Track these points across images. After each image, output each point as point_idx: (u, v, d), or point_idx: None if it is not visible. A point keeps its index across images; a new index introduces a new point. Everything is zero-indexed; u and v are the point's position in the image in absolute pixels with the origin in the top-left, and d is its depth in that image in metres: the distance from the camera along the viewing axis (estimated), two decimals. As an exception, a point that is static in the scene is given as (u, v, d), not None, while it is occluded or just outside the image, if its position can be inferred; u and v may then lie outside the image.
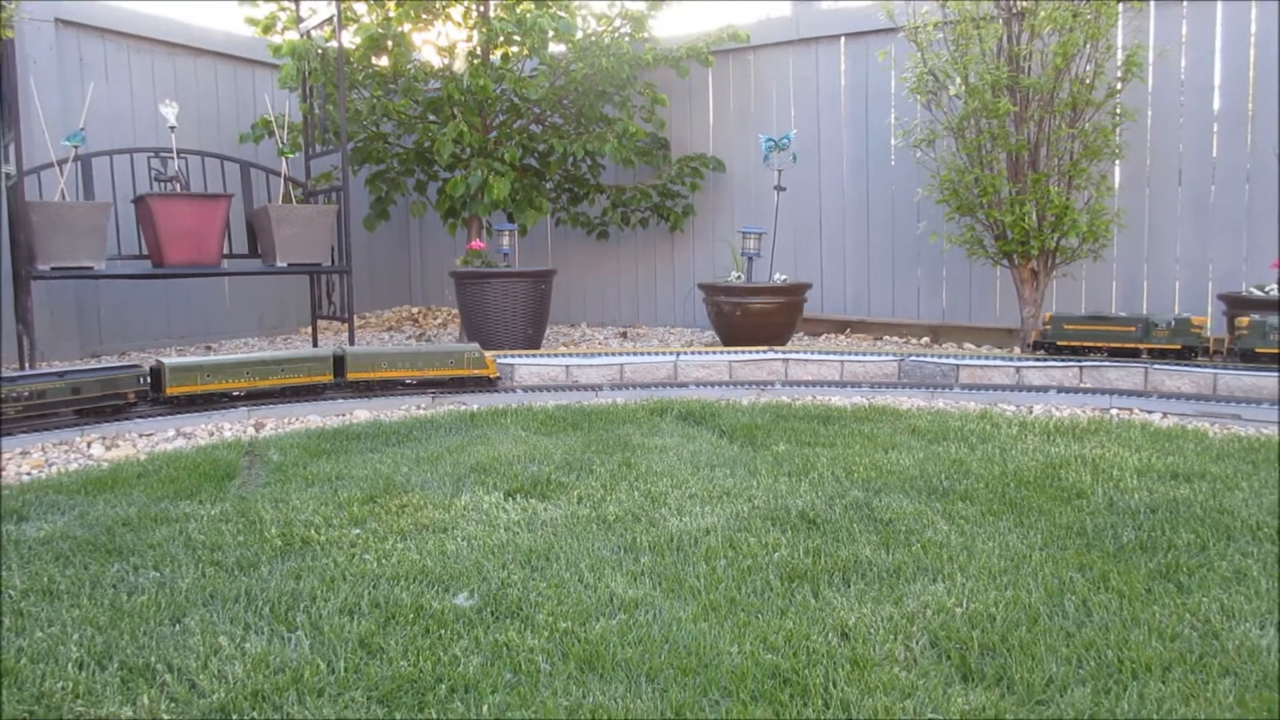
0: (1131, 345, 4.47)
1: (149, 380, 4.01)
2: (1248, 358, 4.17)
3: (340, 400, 4.24)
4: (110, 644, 1.75)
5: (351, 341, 5.64)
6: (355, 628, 1.81)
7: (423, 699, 1.57)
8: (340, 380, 4.34)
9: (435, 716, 1.51)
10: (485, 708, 1.53)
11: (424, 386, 4.43)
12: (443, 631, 1.81)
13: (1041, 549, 2.24)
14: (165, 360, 4.04)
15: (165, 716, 1.50)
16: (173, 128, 5.14)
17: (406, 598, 1.96)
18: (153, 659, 1.69)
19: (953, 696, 1.56)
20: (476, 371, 4.47)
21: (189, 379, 4.02)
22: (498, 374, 4.57)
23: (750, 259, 5.81)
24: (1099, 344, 4.55)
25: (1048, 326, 4.72)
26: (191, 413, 3.98)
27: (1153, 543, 2.26)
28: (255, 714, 1.51)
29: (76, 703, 1.54)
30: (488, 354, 4.55)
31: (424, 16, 6.20)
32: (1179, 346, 4.39)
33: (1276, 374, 3.97)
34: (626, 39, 6.35)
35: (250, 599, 1.96)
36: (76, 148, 4.86)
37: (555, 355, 4.98)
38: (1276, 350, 4.10)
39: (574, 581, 2.06)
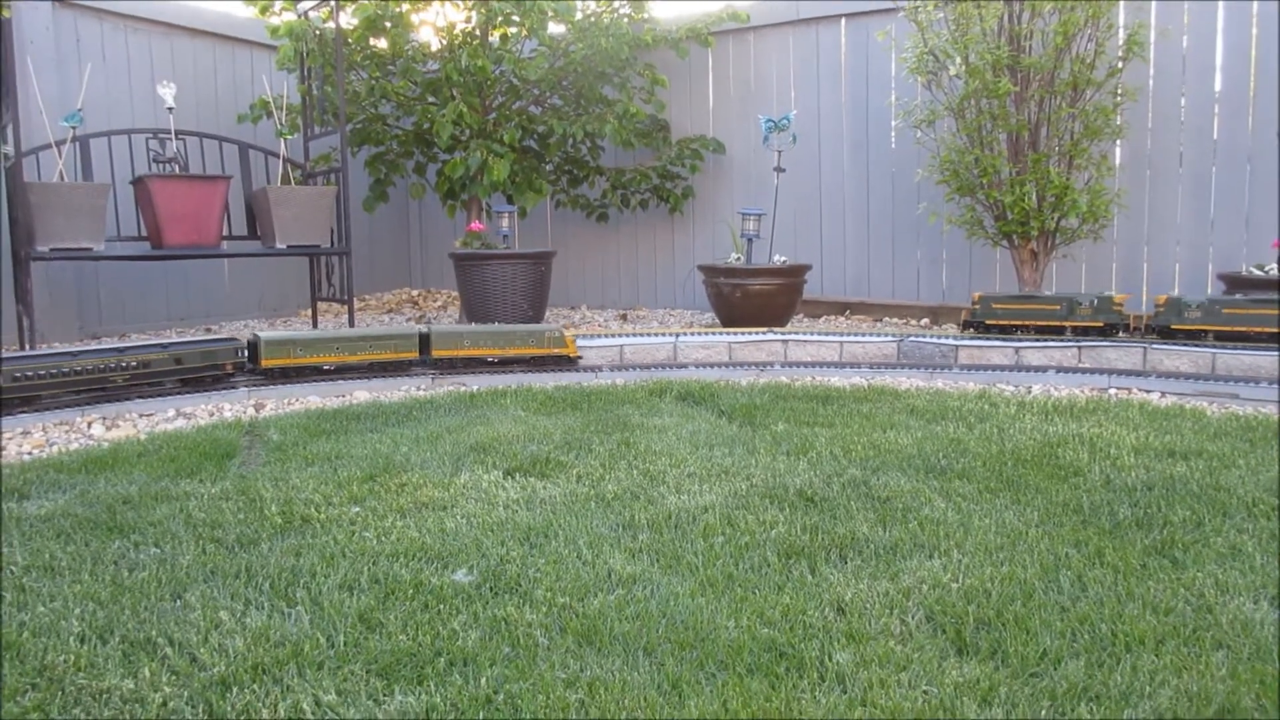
0: (1057, 323, 4.61)
1: (246, 353, 4.19)
2: (1164, 334, 4.39)
3: (425, 376, 4.36)
4: (111, 619, 1.76)
5: (351, 323, 5.65)
6: (355, 603, 1.83)
7: (421, 672, 1.58)
8: (425, 357, 4.44)
9: (434, 689, 1.52)
10: (483, 680, 1.54)
11: (505, 365, 4.50)
12: (441, 607, 1.82)
13: (1038, 526, 2.25)
14: (261, 334, 4.20)
15: (166, 688, 1.52)
16: (170, 109, 5.13)
17: (406, 574, 1.97)
18: (154, 633, 1.70)
19: (947, 669, 1.58)
20: (556, 350, 4.52)
21: (283, 352, 4.17)
22: (578, 353, 4.61)
23: (750, 240, 5.80)
24: (1026, 322, 4.68)
25: (977, 306, 4.82)
26: (285, 384, 4.13)
27: (1149, 519, 2.27)
28: (255, 686, 1.53)
29: (78, 675, 1.56)
30: (568, 334, 4.60)
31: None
32: (1102, 324, 4.54)
33: (1274, 353, 3.97)
34: (626, 20, 6.32)
35: (250, 575, 1.97)
36: (74, 128, 4.85)
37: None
38: (1190, 327, 4.31)
39: (572, 558, 2.07)
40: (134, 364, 3.86)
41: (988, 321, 4.78)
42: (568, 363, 4.57)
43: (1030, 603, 1.82)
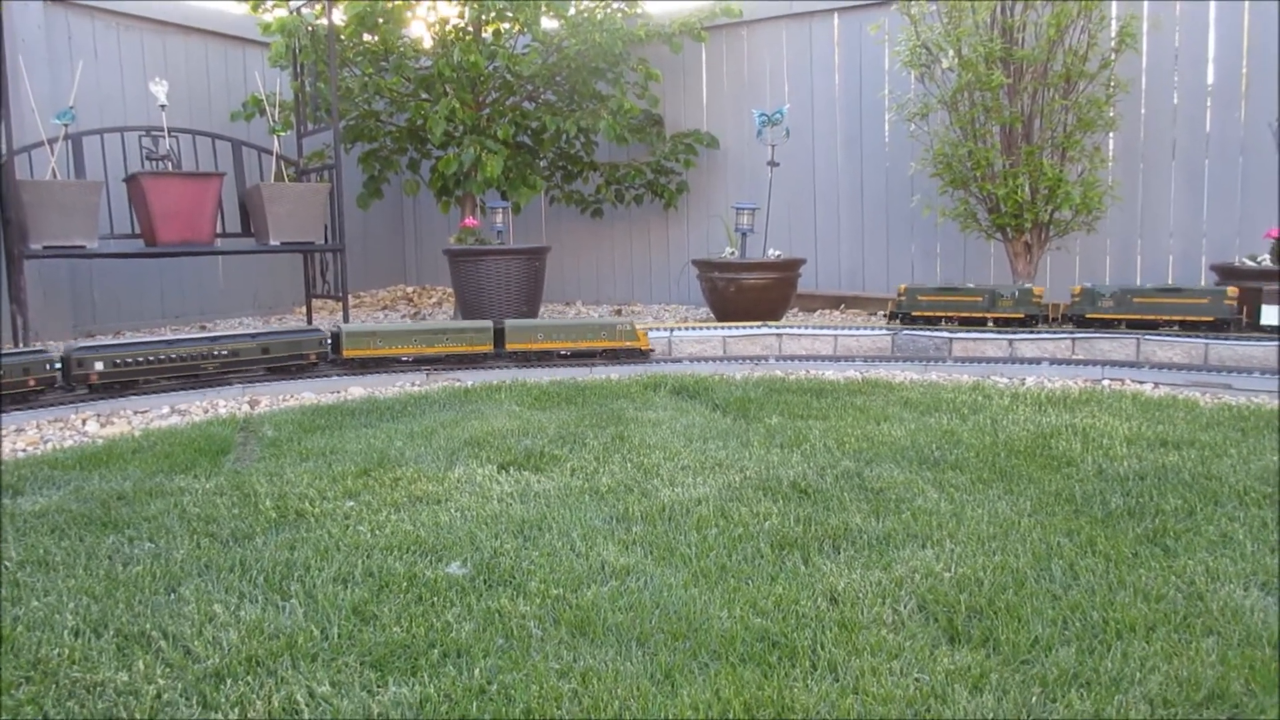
0: (979, 314, 4.74)
1: (330, 343, 4.35)
2: (1080, 323, 4.55)
3: (499, 369, 4.45)
4: (106, 612, 1.77)
5: (346, 320, 5.65)
6: (349, 596, 1.83)
7: (415, 663, 1.58)
8: (500, 350, 4.54)
9: (427, 680, 1.52)
10: (477, 671, 1.55)
11: (577, 358, 4.55)
12: (435, 599, 1.82)
13: (1030, 515, 2.26)
14: (343, 326, 4.37)
15: (160, 681, 1.52)
16: (163, 106, 5.12)
17: (400, 567, 1.97)
18: (148, 626, 1.70)
19: (939, 657, 1.59)
20: (628, 344, 4.57)
21: (365, 343, 4.34)
22: (650, 346, 4.66)
23: (744, 235, 5.80)
24: (949, 314, 4.80)
25: (902, 298, 4.93)
26: (365, 374, 4.31)
27: (1140, 508, 2.28)
28: (249, 679, 1.53)
29: (73, 668, 1.56)
30: (639, 327, 4.63)
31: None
32: (1022, 315, 4.69)
33: (1267, 344, 3.99)
34: (619, 15, 6.32)
35: (245, 569, 1.98)
36: (66, 126, 4.84)
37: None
38: (1104, 316, 4.49)
39: (566, 550, 2.08)
40: (225, 352, 4.07)
41: (913, 313, 4.90)
42: (640, 355, 4.61)
43: (1022, 591, 1.83)
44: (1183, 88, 5.47)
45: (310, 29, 5.82)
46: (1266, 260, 4.57)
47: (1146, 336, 4.30)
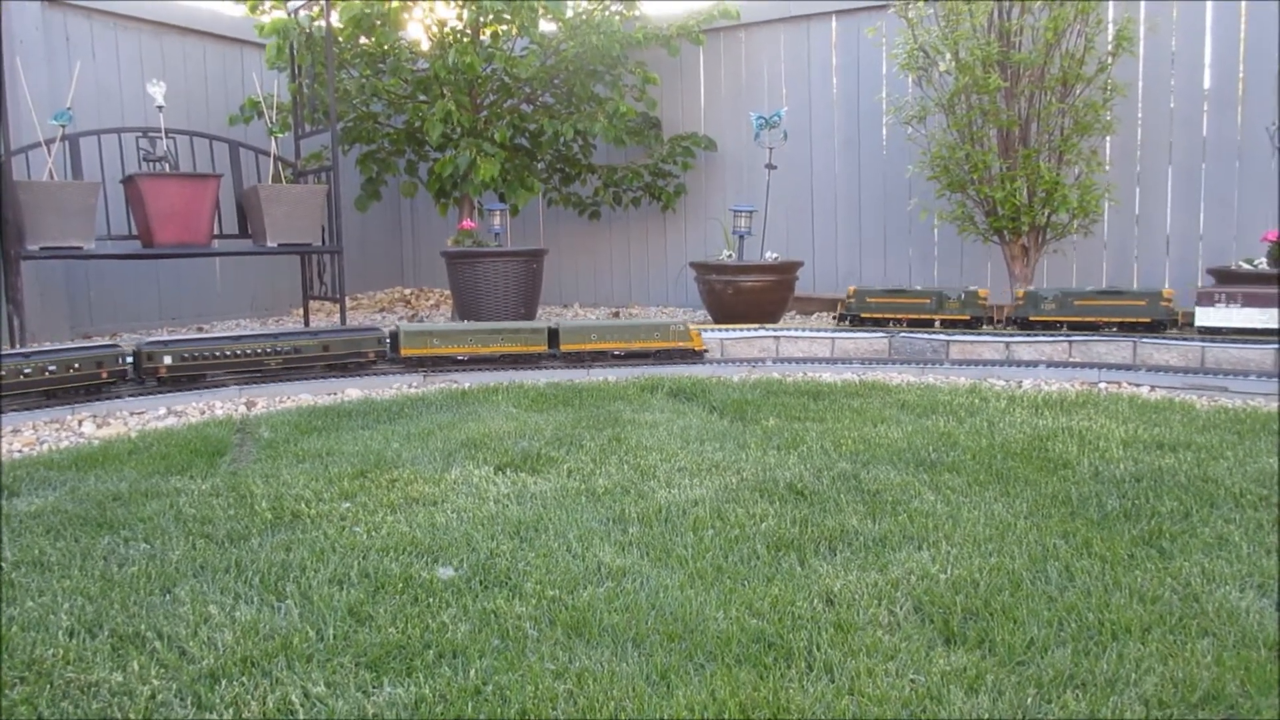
0: (926, 316, 4.83)
1: (389, 342, 4.44)
2: (1023, 325, 4.68)
3: (553, 369, 4.50)
4: (100, 613, 1.76)
5: (343, 322, 5.64)
6: (344, 597, 1.83)
7: (410, 664, 1.58)
8: (554, 351, 4.59)
9: (422, 680, 1.52)
10: (472, 672, 1.54)
11: (631, 358, 4.58)
12: (431, 600, 1.82)
13: (1026, 517, 2.26)
14: (402, 325, 4.47)
15: (155, 681, 1.52)
16: (160, 107, 5.12)
17: (396, 568, 1.97)
18: (143, 627, 1.70)
19: (934, 658, 1.58)
20: (682, 344, 4.59)
21: (421, 343, 4.42)
22: (704, 346, 4.66)
23: (742, 237, 5.81)
24: (897, 315, 4.88)
25: (851, 300, 5.01)
26: (422, 372, 4.38)
27: (1136, 510, 2.28)
28: (244, 679, 1.53)
29: (67, 669, 1.56)
30: (692, 327, 4.63)
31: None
32: (968, 317, 4.80)
33: (1262, 346, 3.99)
34: (617, 17, 6.32)
35: (240, 570, 1.97)
36: (64, 127, 4.84)
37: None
38: (1047, 318, 4.61)
39: (562, 551, 2.07)
40: (288, 349, 4.20)
41: (862, 314, 4.98)
42: (693, 355, 4.63)
43: (1018, 593, 1.83)
44: (1180, 91, 5.48)
45: (307, 32, 5.83)
46: (1263, 264, 4.58)
47: (1075, 338, 4.42)
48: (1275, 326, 4.12)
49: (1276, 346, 3.97)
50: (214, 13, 6.73)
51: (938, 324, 4.81)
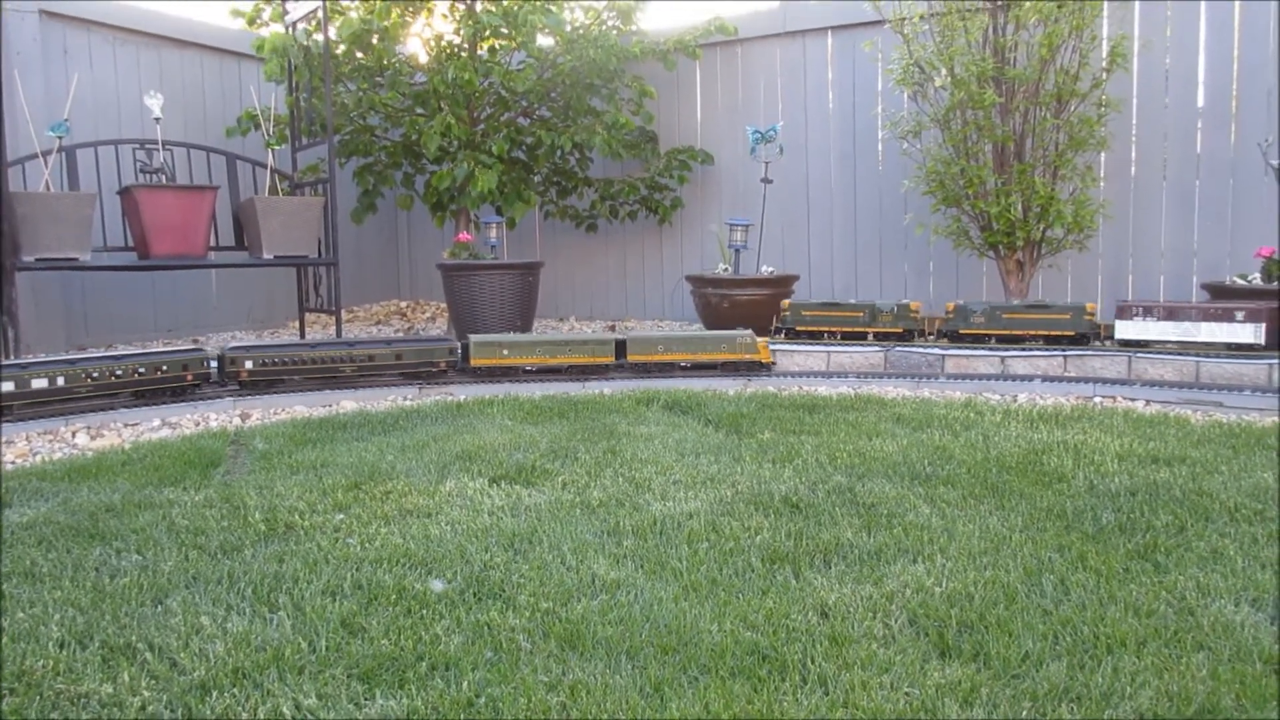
0: (861, 329, 4.91)
1: (459, 352, 4.53)
2: (954, 338, 4.76)
3: (621, 380, 4.53)
4: (91, 624, 1.75)
5: (339, 334, 5.64)
6: (337, 608, 1.82)
7: (403, 676, 1.57)
8: (622, 361, 4.62)
9: (415, 692, 1.51)
10: (465, 684, 1.54)
11: (698, 369, 4.60)
12: (424, 612, 1.81)
13: (1021, 531, 2.26)
14: (472, 337, 4.56)
15: (145, 693, 1.51)
16: (158, 119, 5.13)
17: (389, 580, 1.96)
18: (134, 638, 1.69)
19: (929, 671, 1.58)
20: (749, 356, 4.59)
21: (491, 353, 4.50)
22: (772, 359, 4.66)
23: (737, 251, 5.82)
24: (831, 328, 4.94)
25: (787, 313, 5.06)
26: (491, 382, 4.45)
27: (1131, 524, 2.28)
28: (236, 691, 1.52)
29: (56, 680, 1.55)
30: (760, 340, 4.63)
31: (409, 10, 6.18)
32: (901, 330, 4.87)
33: (1257, 362, 4.00)
34: (615, 32, 6.35)
35: (233, 581, 1.96)
36: (61, 138, 4.84)
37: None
38: (976, 331, 4.70)
39: (556, 564, 2.07)
40: (363, 357, 4.32)
41: (797, 327, 5.03)
42: (761, 368, 4.63)
43: (1013, 606, 1.83)
44: (1174, 108, 5.51)
45: (304, 46, 5.84)
46: (1257, 279, 4.59)
47: (1005, 352, 4.52)
48: (1189, 340, 4.29)
49: (1274, 362, 3.98)
50: (212, 26, 6.75)
51: (870, 336, 4.90)
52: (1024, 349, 4.52)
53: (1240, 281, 4.62)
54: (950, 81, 5.17)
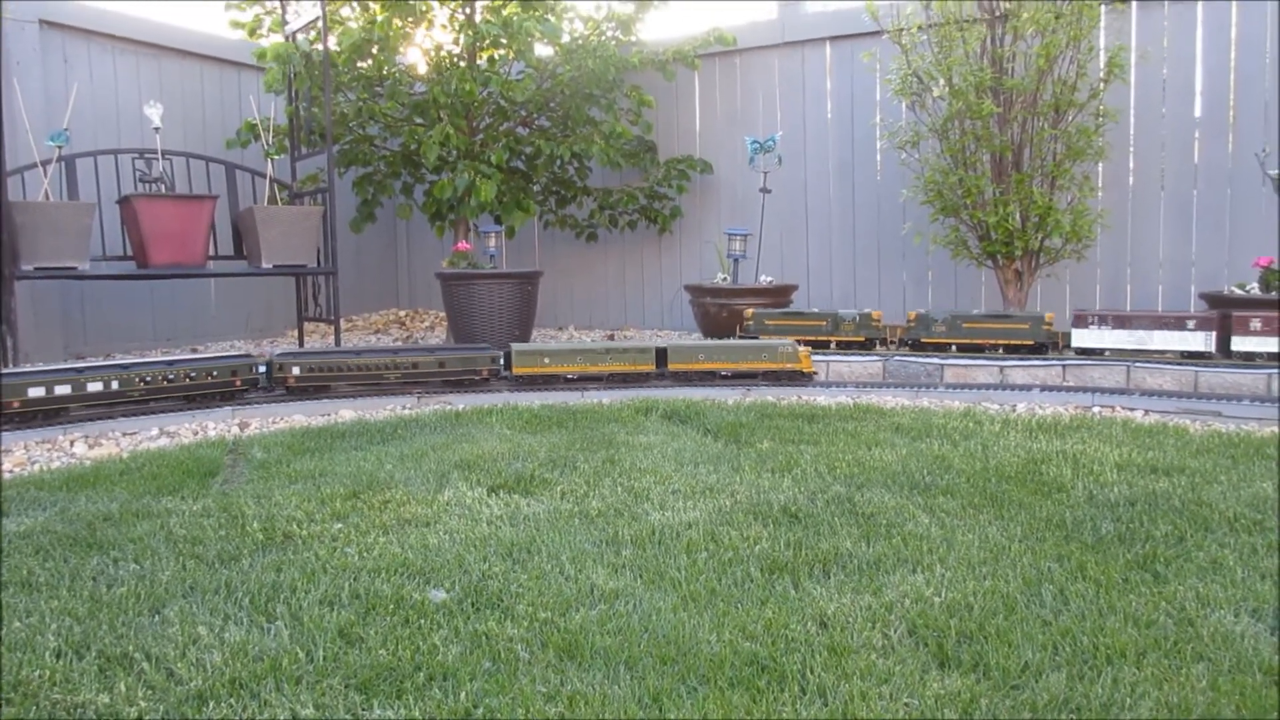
0: (823, 337, 4.99)
1: (502, 360, 4.59)
2: (915, 346, 4.88)
3: (662, 388, 4.56)
4: (88, 634, 1.75)
5: (337, 343, 5.64)
6: (335, 618, 1.82)
7: (400, 686, 1.57)
8: (663, 370, 4.66)
9: (413, 703, 1.51)
10: (463, 695, 1.53)
11: (738, 378, 4.61)
12: (422, 622, 1.81)
13: (1021, 541, 2.26)
14: (514, 345, 4.62)
15: (142, 703, 1.50)
16: (157, 129, 5.14)
17: (387, 589, 1.96)
18: (131, 648, 1.69)
19: (929, 682, 1.57)
20: (790, 366, 4.58)
21: (533, 361, 4.55)
22: (814, 369, 4.65)
23: (736, 260, 5.83)
24: (795, 336, 4.96)
25: (749, 322, 5.13)
26: (532, 390, 4.51)
27: (1131, 534, 2.28)
28: (233, 701, 1.51)
29: (53, 690, 1.54)
30: (801, 350, 4.62)
31: (409, 20, 6.20)
32: (863, 338, 4.97)
33: (1256, 372, 4.00)
34: (613, 42, 6.36)
35: (230, 590, 1.96)
36: (60, 148, 4.85)
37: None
38: (937, 340, 4.82)
39: (555, 573, 2.06)
40: (407, 364, 4.40)
41: (760, 336, 5.09)
42: (802, 378, 4.61)
43: (1012, 616, 1.82)
44: (1171, 118, 5.53)
45: (305, 55, 5.85)
46: (1255, 289, 4.60)
47: (959, 361, 4.63)
48: (1142, 348, 4.43)
49: (1273, 372, 3.99)
50: (212, 36, 6.77)
51: (833, 345, 5.00)
52: (985, 358, 4.61)
53: (1238, 291, 4.63)
54: (948, 91, 5.18)
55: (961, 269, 6.04)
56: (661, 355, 4.64)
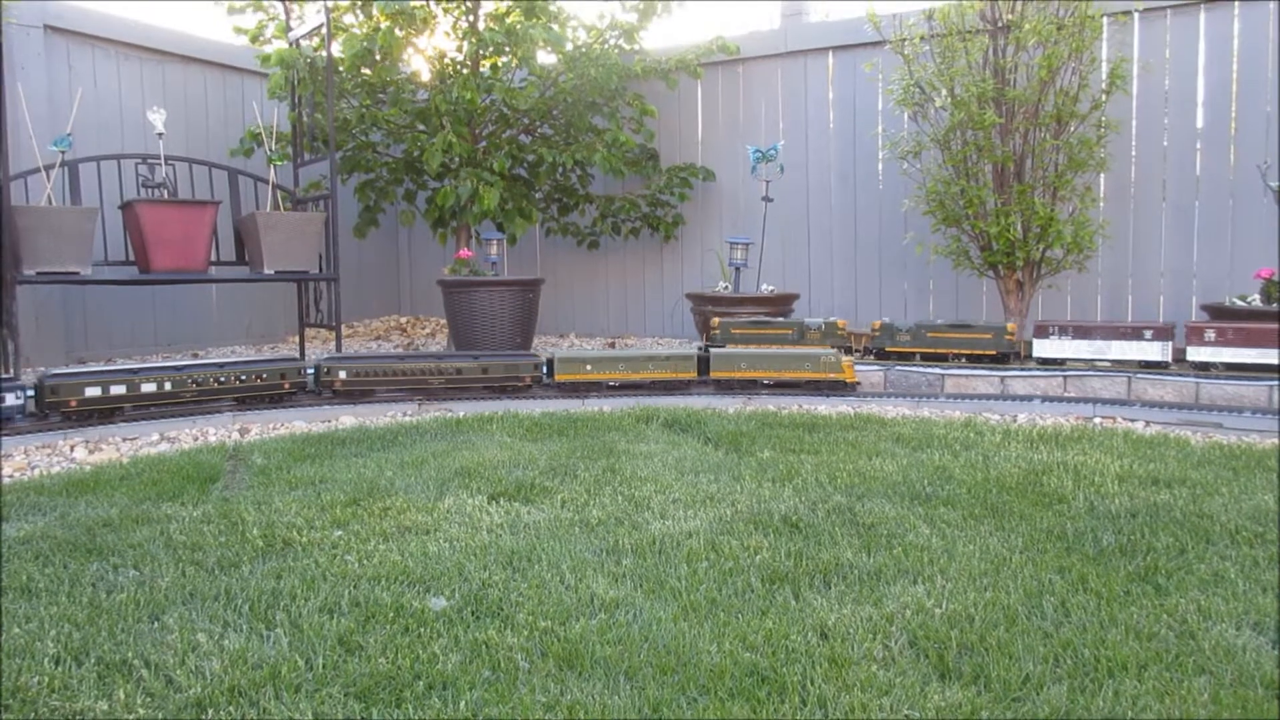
0: (790, 346, 4.98)
1: (546, 368, 4.65)
2: (880, 355, 4.99)
3: (701, 395, 4.59)
4: (87, 640, 1.74)
5: (338, 350, 5.64)
6: (335, 626, 1.81)
7: (400, 695, 1.56)
8: (704, 377, 4.69)
9: (412, 712, 1.51)
10: (462, 704, 1.53)
11: (780, 388, 4.62)
12: (422, 630, 1.81)
13: (1021, 552, 2.25)
14: (556, 352, 4.72)
15: (141, 710, 1.50)
16: (160, 134, 5.14)
17: (387, 597, 1.96)
18: (130, 655, 1.68)
19: (929, 694, 1.57)
20: (833, 375, 4.58)
21: (576, 368, 4.61)
22: (856, 379, 4.63)
23: (738, 269, 5.83)
24: (761, 345, 5.01)
25: (716, 331, 5.17)
26: (574, 397, 4.55)
27: (1132, 546, 2.27)
28: (232, 709, 1.51)
29: (52, 697, 1.54)
30: (845, 359, 4.61)
31: (412, 27, 6.21)
32: (829, 345, 4.97)
33: (1257, 384, 4.00)
34: (617, 51, 6.37)
35: (230, 598, 1.96)
36: (63, 153, 4.85)
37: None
38: (902, 349, 4.91)
39: (555, 582, 2.06)
40: (451, 370, 4.48)
41: (727, 345, 5.09)
42: (844, 387, 4.60)
43: (1013, 628, 1.82)
44: (1173, 130, 5.53)
45: (309, 61, 5.87)
46: (1256, 300, 4.60)
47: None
48: (1100, 357, 4.52)
49: (1274, 384, 3.98)
50: (215, 42, 6.78)
51: None
52: (947, 366, 4.68)
53: (1240, 303, 4.63)
54: (950, 102, 5.19)
55: (963, 279, 6.04)
56: (704, 363, 4.66)
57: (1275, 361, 4.17)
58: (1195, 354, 4.37)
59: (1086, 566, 2.14)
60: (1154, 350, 4.43)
